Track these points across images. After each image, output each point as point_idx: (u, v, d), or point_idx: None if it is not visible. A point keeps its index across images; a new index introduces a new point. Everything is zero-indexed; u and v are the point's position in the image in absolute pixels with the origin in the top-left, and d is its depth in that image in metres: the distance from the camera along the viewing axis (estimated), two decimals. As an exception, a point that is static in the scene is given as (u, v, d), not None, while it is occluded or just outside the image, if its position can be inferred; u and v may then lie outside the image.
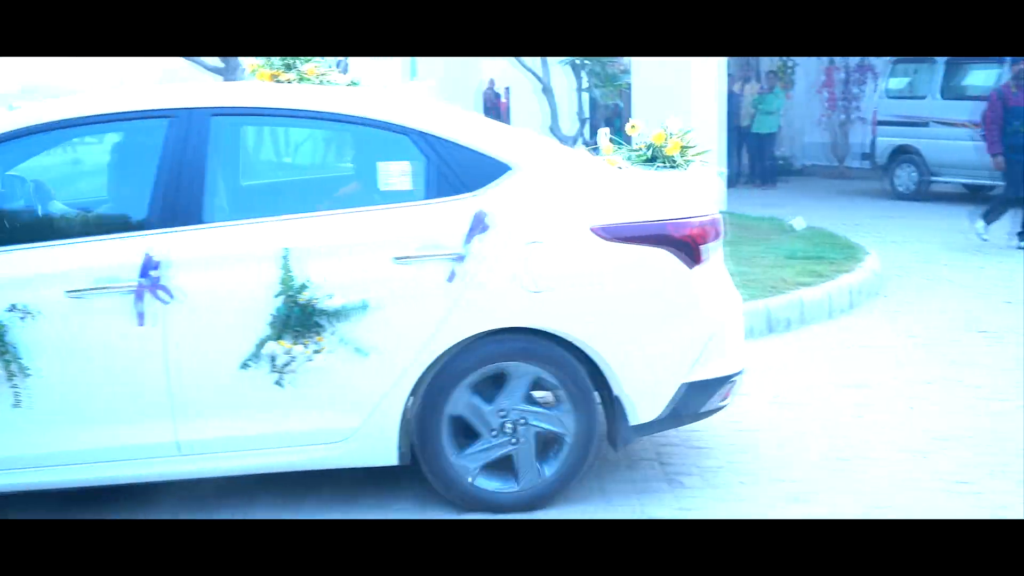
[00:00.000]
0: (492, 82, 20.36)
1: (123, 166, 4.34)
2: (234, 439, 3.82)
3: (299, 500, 4.18)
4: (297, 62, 4.99)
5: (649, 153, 4.71)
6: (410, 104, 4.25)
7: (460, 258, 3.78)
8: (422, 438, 3.89)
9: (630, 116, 13.50)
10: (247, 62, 5.39)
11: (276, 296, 3.70)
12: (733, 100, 15.26)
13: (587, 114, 12.27)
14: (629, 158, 4.66)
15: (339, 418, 3.82)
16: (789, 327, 6.86)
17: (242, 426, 3.80)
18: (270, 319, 3.71)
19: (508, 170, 3.92)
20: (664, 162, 4.58)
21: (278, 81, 4.80)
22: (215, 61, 9.20)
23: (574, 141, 11.54)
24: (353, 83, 5.08)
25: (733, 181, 13.77)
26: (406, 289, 3.77)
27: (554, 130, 11.59)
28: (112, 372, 3.72)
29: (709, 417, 4.27)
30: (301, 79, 4.83)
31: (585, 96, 12.29)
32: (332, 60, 5.10)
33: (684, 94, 12.39)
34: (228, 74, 8.55)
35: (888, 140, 14.46)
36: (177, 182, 3.83)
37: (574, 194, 3.99)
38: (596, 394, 4.00)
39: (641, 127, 4.84)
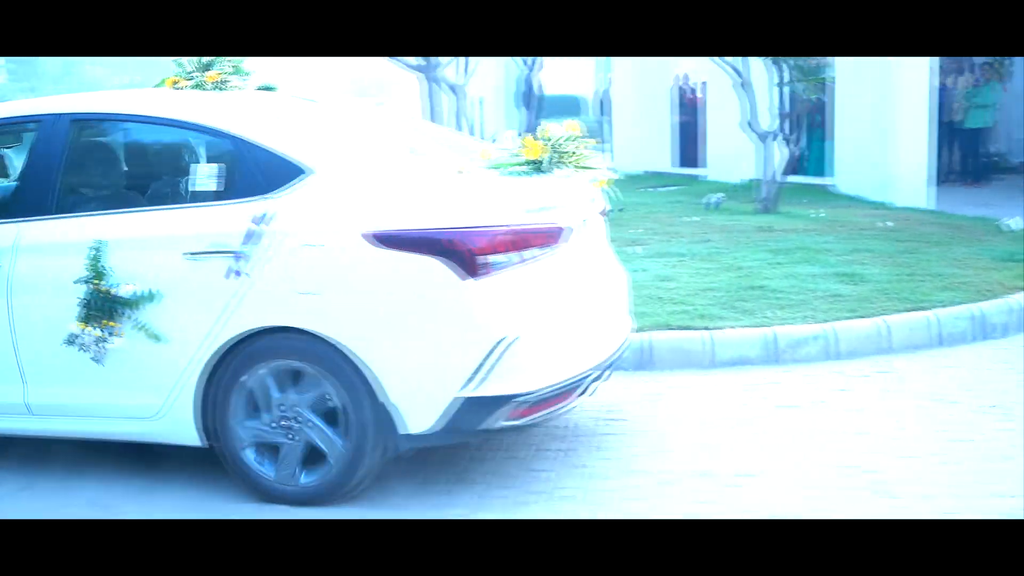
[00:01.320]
0: (685, 77, 20.09)
1: (7, 162, 5.01)
2: (68, 406, 4.29)
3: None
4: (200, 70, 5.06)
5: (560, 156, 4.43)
6: (230, 108, 4.42)
7: (239, 257, 3.95)
8: (213, 408, 4.10)
9: (833, 111, 13.05)
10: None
11: (83, 283, 4.10)
12: (944, 94, 14.50)
13: (786, 109, 11.94)
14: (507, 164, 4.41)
15: (145, 396, 4.15)
16: (1006, 332, 6.45)
17: (73, 394, 4.26)
18: (77, 302, 4.11)
19: (302, 174, 4.00)
20: (533, 167, 4.32)
21: (177, 88, 5.02)
22: (418, 60, 9.49)
23: (773, 137, 11.29)
24: (267, 87, 5.14)
25: (942, 179, 13.08)
26: (193, 283, 4.03)
27: (752, 126, 11.35)
28: None
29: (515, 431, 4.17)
30: (197, 86, 5.02)
31: (786, 91, 11.97)
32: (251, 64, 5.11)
33: (891, 88, 11.87)
34: (429, 70, 8.78)
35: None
36: (35, 178, 4.45)
37: (357, 199, 3.98)
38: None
39: (512, 136, 4.62)
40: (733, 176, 14.00)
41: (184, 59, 4.97)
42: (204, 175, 4.20)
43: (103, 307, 4.09)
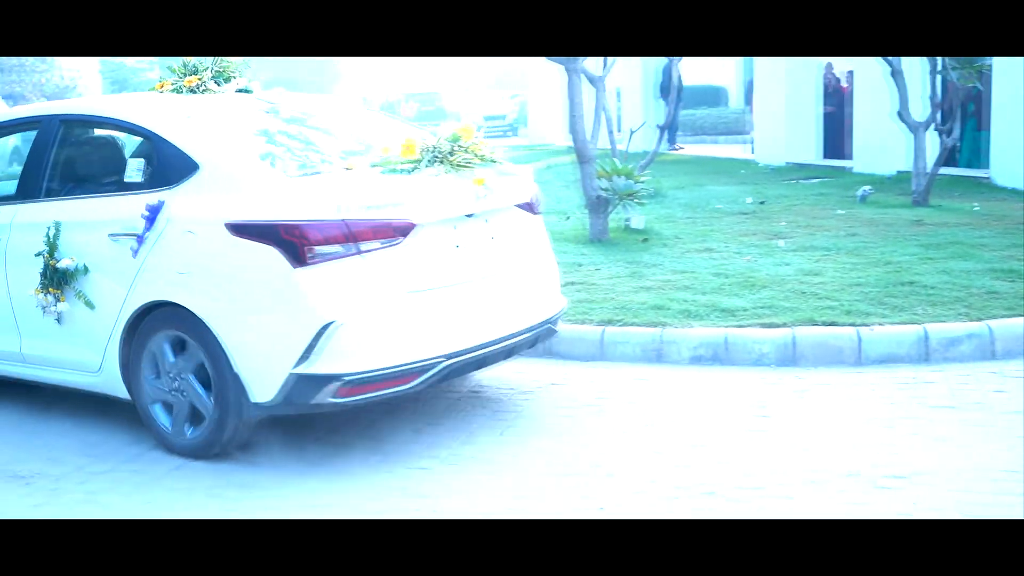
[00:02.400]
0: (831, 66, 19.53)
1: (16, 154, 5.89)
2: (46, 358, 5.13)
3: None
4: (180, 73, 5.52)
5: (450, 150, 4.78)
6: (159, 110, 5.06)
7: (140, 239, 4.61)
8: (130, 368, 4.77)
9: (990, 100, 12.49)
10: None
11: (40, 256, 4.95)
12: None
13: (939, 98, 11.48)
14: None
15: (89, 354, 4.90)
16: None
17: (48, 348, 5.10)
18: (39, 272, 4.96)
19: (197, 168, 4.59)
20: (412, 166, 4.69)
21: (159, 92, 5.57)
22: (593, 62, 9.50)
23: (925, 127, 10.88)
24: (245, 90, 5.56)
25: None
26: (112, 259, 4.76)
27: (903, 116, 10.96)
28: None
29: (334, 410, 4.50)
30: (176, 90, 5.46)
31: (939, 79, 11.51)
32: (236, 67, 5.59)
33: (1055, 74, 11.27)
34: (569, 62, 8.77)
35: None
36: (32, 167, 5.33)
37: (227, 192, 4.48)
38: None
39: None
40: (882, 168, 13.56)
41: (178, 63, 5.59)
42: (131, 168, 4.99)
43: (52, 277, 4.93)
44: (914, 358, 5.65)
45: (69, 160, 5.34)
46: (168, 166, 4.71)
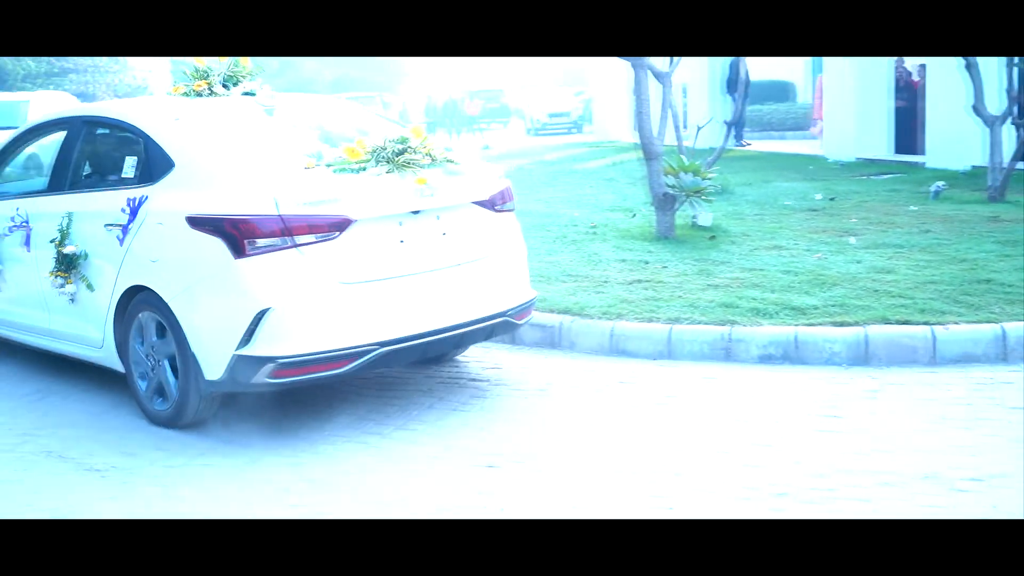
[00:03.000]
0: (901, 59, 19.15)
1: (47, 152, 6.31)
2: (67, 333, 5.68)
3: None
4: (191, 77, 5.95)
5: (397, 151, 5.07)
6: (154, 111, 5.62)
7: (125, 230, 5.15)
8: (122, 344, 5.29)
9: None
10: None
11: (53, 243, 5.56)
12: None
13: (1016, 90, 11.20)
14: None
15: (94, 331, 5.44)
16: None
17: (67, 325, 5.64)
18: (52, 257, 5.57)
19: (173, 166, 5.08)
20: (360, 166, 5.01)
21: (173, 95, 6.02)
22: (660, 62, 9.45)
23: (1002, 121, 10.62)
24: (249, 93, 5.90)
25: None
26: (106, 246, 5.28)
27: (978, 109, 10.71)
28: (22, 279, 5.98)
29: (273, 390, 4.83)
30: (186, 94, 5.89)
31: (1016, 71, 11.23)
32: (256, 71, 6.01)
33: None
34: (636, 59, 8.72)
35: None
36: (59, 163, 5.91)
37: (194, 188, 4.94)
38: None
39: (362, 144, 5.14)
40: (956, 163, 13.26)
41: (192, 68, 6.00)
42: (127, 165, 5.45)
43: (61, 261, 5.51)
44: (991, 358, 5.52)
45: (86, 157, 5.88)
46: (153, 164, 5.20)
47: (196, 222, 4.78)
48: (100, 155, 5.88)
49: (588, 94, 32.40)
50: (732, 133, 11.48)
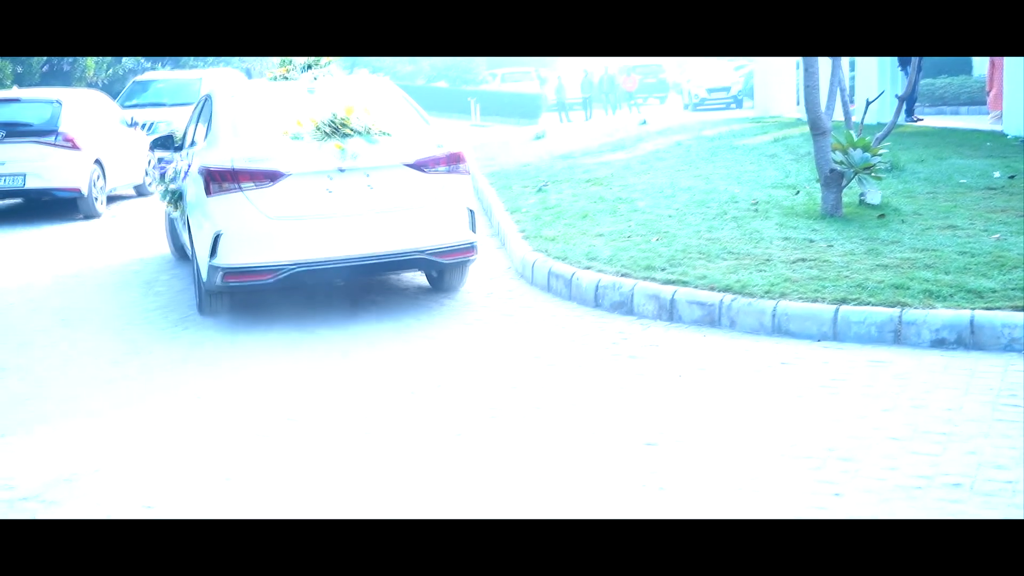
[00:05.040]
0: None
1: (192, 119, 8.45)
2: (194, 251, 7.10)
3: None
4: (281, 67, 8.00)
5: (328, 128, 6.78)
6: (227, 89, 7.68)
7: (184, 176, 7.57)
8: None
9: None
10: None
11: (172, 182, 7.98)
12: None
13: None
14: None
15: (204, 252, 6.70)
16: None
17: (196, 249, 6.97)
18: (170, 195, 8.10)
19: (214, 132, 7.24)
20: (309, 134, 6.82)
21: (272, 79, 7.99)
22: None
23: None
24: (315, 77, 7.86)
25: None
26: (186, 189, 7.37)
27: None
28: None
29: (226, 291, 6.82)
30: (274, 78, 7.93)
31: None
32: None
33: None
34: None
35: None
36: (186, 129, 8.35)
37: (213, 147, 6.98)
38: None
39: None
40: None
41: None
42: (199, 131, 7.68)
43: (172, 195, 7.97)
44: None
45: (194, 124, 8.00)
46: (208, 128, 7.24)
47: (199, 170, 6.79)
48: (204, 122, 7.60)
49: (749, 68, 31.61)
50: (903, 108, 10.99)
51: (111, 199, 13.98)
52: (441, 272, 7.23)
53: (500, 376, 5.44)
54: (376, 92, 7.63)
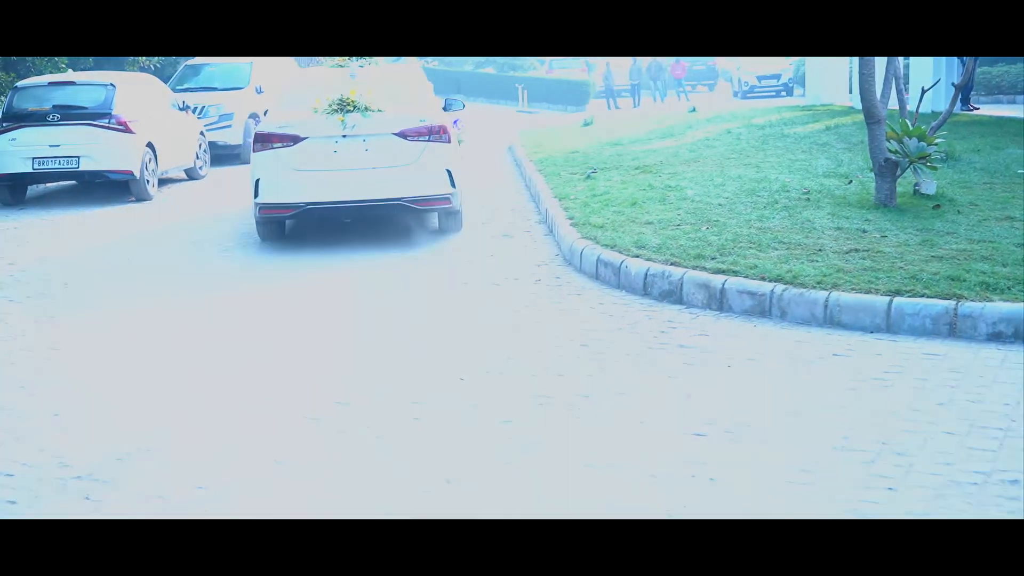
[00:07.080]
0: None
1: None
2: None
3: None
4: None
5: (337, 105, 9.07)
6: (293, 77, 11.22)
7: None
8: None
9: None
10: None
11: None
12: None
13: None
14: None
15: (251, 193, 9.26)
16: None
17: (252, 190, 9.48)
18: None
19: (269, 109, 9.94)
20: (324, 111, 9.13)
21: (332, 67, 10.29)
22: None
23: None
24: (361, 64, 10.04)
25: None
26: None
27: None
28: None
29: (262, 220, 9.28)
30: (333, 65, 10.15)
31: None
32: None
33: None
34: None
35: None
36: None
37: (268, 119, 9.39)
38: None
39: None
40: None
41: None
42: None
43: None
44: None
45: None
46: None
47: (258, 135, 9.13)
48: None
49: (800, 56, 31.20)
50: (959, 97, 10.79)
51: (162, 182, 14.14)
52: (440, 218, 9.58)
53: (548, 363, 5.43)
54: (404, 78, 10.07)
